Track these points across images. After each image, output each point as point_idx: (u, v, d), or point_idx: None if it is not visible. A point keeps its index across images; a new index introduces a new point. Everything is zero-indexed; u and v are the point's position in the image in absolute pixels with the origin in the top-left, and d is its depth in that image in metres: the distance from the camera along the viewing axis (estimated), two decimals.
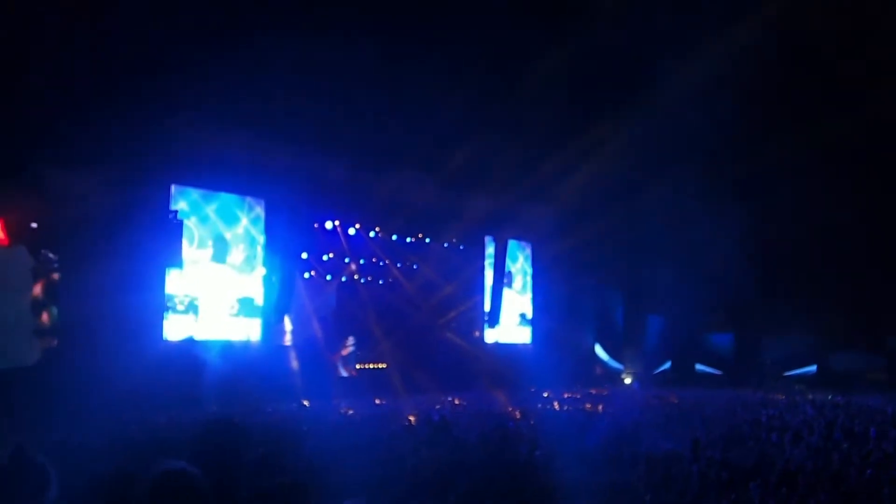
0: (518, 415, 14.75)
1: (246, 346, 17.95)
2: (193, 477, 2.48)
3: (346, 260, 21.40)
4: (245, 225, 18.24)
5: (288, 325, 19.53)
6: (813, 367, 29.51)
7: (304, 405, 16.82)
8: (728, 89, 17.07)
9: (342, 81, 15.05)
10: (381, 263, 22.37)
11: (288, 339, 19.60)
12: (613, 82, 17.00)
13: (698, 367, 31.35)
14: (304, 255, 20.19)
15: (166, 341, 16.35)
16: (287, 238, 18.81)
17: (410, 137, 17.38)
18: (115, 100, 13.51)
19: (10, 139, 12.60)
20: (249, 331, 18.27)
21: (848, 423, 12.77)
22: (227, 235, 17.86)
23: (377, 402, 17.59)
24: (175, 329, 16.62)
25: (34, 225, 13.94)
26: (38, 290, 14.05)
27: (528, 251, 26.36)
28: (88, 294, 13.90)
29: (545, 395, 20.03)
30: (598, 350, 28.42)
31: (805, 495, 7.00)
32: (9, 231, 13.70)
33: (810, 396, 19.66)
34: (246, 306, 18.19)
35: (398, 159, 18.42)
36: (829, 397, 19.45)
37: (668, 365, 30.84)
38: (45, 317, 14.07)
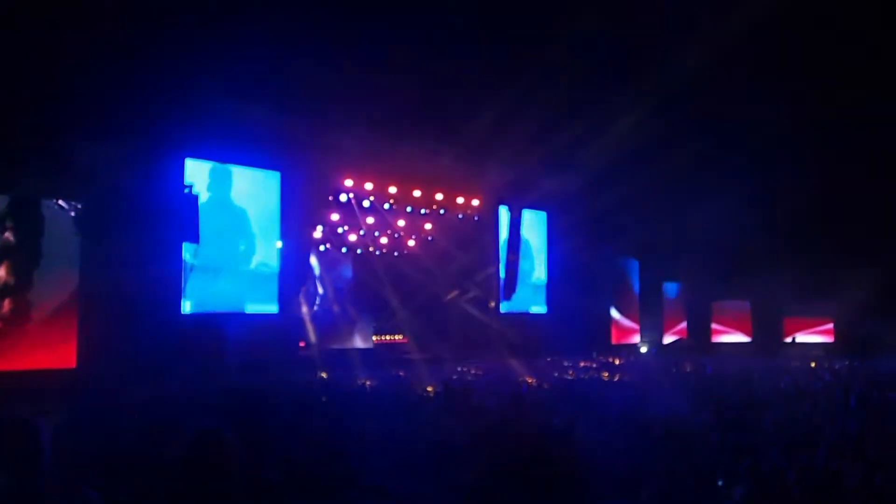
0: (535, 383, 14.81)
1: (262, 318, 18.05)
2: (227, 435, 2.52)
3: (362, 232, 21.43)
4: (260, 197, 18.27)
5: (304, 297, 19.62)
6: (830, 331, 29.50)
7: (322, 377, 16.95)
8: (748, 55, 16.92)
9: (357, 52, 14.98)
10: (396, 235, 22.39)
11: (304, 312, 19.70)
12: (631, 47, 16.84)
13: (715, 334, 31.39)
14: (320, 228, 20.24)
15: (184, 315, 16.46)
16: (303, 210, 18.85)
17: (424, 109, 17.31)
18: (127, 73, 13.49)
19: (25, 112, 12.62)
20: (266, 303, 18.36)
21: (866, 390, 12.73)
22: (243, 208, 17.90)
23: (394, 372, 17.69)
24: (192, 303, 16.72)
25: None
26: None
27: (545, 220, 26.27)
28: (105, 269, 13.99)
29: (564, 364, 20.09)
30: (615, 314, 28.40)
31: (826, 461, 6.99)
32: None
33: (827, 364, 19.59)
34: (262, 279, 18.26)
35: (413, 130, 18.38)
36: (847, 363, 19.41)
37: (685, 333, 30.88)
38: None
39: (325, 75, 15.35)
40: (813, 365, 19.54)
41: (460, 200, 23.09)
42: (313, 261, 20.51)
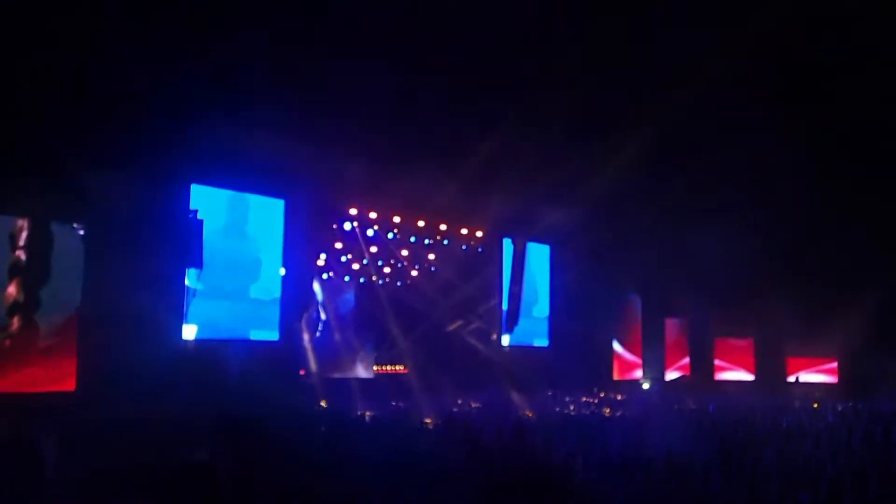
0: (535, 418, 14.73)
1: (263, 345, 18.00)
2: (214, 471, 2.50)
3: (365, 261, 21.44)
4: (264, 224, 18.32)
5: (306, 324, 19.59)
6: (833, 370, 29.26)
7: (322, 406, 16.89)
8: (747, 88, 17.03)
9: (363, 81, 15.11)
10: (399, 265, 22.39)
11: (306, 339, 19.65)
12: (635, 80, 16.95)
13: (718, 371, 31.19)
14: (323, 256, 20.26)
15: (185, 340, 16.41)
16: (306, 238, 18.89)
17: (430, 138, 17.42)
18: (135, 100, 13.61)
19: (26, 136, 12.70)
20: (267, 330, 18.32)
21: (869, 430, 12.62)
22: (246, 234, 17.95)
23: (394, 403, 17.60)
24: (193, 329, 16.68)
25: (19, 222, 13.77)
26: (13, 289, 13.57)
27: (548, 253, 26.29)
28: (108, 292, 13.98)
29: (565, 398, 20.00)
30: (618, 348, 28.30)
31: (826, 499, 6.93)
32: None
33: (830, 405, 19.43)
34: (263, 306, 18.24)
35: (417, 160, 18.48)
36: (850, 403, 19.25)
37: (687, 370, 30.71)
38: (16, 321, 13.62)
39: (331, 104, 15.49)
40: (816, 406, 19.38)
41: (464, 231, 23.14)
42: (316, 287, 20.50)
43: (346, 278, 21.57)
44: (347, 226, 20.60)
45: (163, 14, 12.51)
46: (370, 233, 21.16)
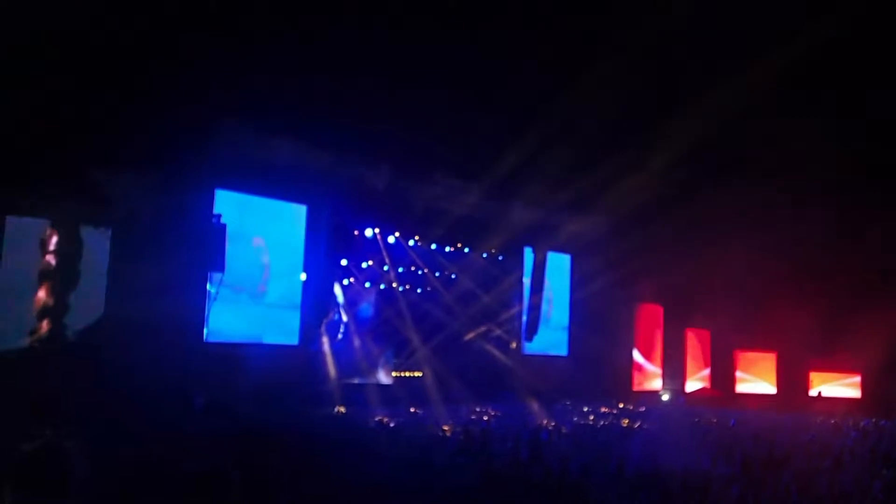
0: (553, 428, 14.69)
1: (282, 349, 18.08)
2: (227, 476, 2.52)
3: (385, 268, 21.49)
4: (286, 230, 18.42)
5: (326, 328, 19.66)
6: (857, 385, 28.86)
7: (340, 411, 16.94)
8: (774, 102, 16.92)
9: (385, 88, 15.18)
10: (419, 272, 22.43)
11: (325, 344, 19.72)
12: (661, 93, 16.90)
13: (739, 384, 30.89)
14: (344, 262, 20.33)
15: (205, 343, 16.51)
16: (328, 244, 18.97)
17: (452, 146, 17.46)
18: (159, 104, 13.76)
19: (56, 141, 12.87)
20: (288, 336, 18.41)
21: (891, 449, 12.45)
22: (269, 240, 18.05)
23: (412, 410, 17.61)
24: (213, 331, 16.78)
25: (49, 229, 13.93)
26: (42, 293, 13.81)
27: (568, 263, 26.19)
28: (130, 297, 14.11)
29: (583, 409, 19.92)
30: (638, 358, 28.10)
31: None
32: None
33: (852, 422, 19.18)
34: (285, 311, 18.34)
35: (439, 168, 18.52)
36: (873, 420, 19.00)
37: (707, 383, 30.45)
38: (44, 325, 13.83)
39: (354, 112, 15.58)
40: (837, 421, 19.15)
41: (485, 240, 23.09)
42: (337, 290, 20.57)
43: (367, 284, 21.63)
44: (369, 232, 20.66)
45: (189, 22, 12.66)
46: (391, 239, 21.21)
